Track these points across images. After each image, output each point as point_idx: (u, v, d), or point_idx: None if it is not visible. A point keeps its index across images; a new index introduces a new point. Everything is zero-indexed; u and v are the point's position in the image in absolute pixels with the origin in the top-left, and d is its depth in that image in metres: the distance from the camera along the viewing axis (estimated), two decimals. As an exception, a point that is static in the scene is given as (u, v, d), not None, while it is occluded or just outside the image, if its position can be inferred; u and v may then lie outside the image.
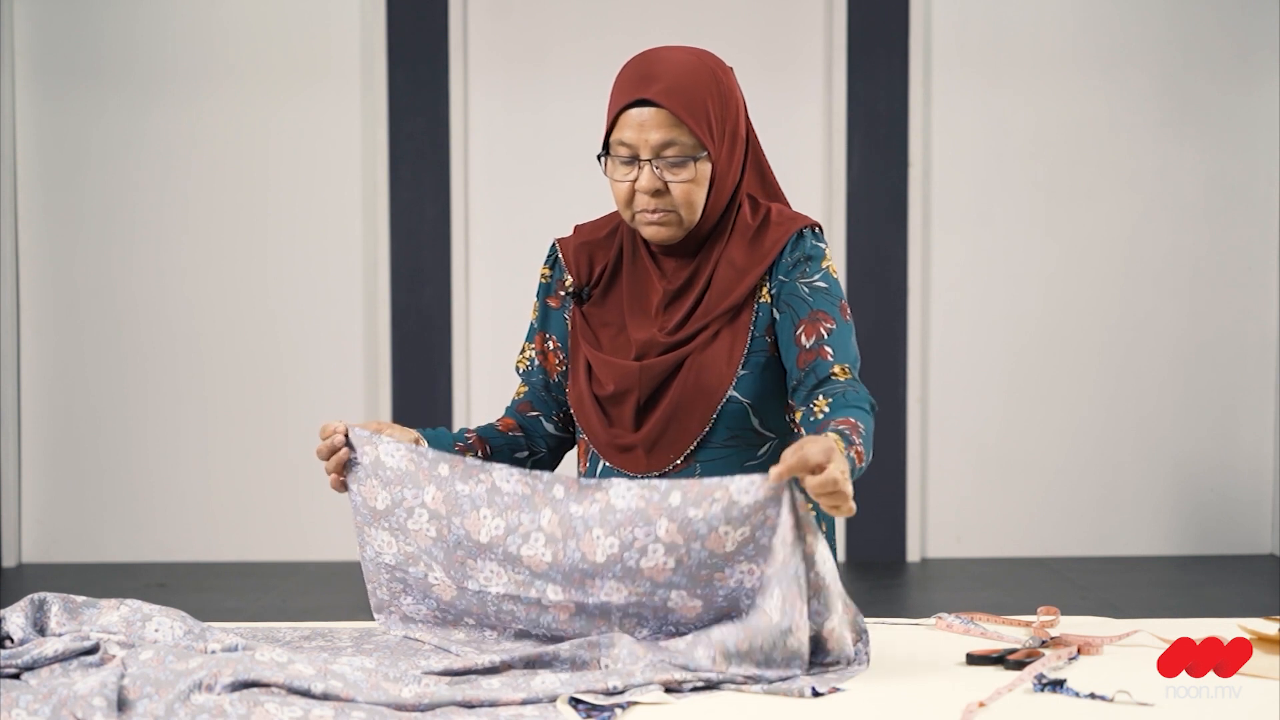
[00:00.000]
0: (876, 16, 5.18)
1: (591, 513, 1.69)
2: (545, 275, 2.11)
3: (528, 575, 1.72)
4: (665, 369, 1.94)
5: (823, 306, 1.92)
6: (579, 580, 1.69)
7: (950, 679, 1.62)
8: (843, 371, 1.88)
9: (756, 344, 1.95)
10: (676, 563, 1.63)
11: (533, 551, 1.72)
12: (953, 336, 5.29)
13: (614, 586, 1.67)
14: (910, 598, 4.77)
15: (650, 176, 1.90)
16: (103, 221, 5.20)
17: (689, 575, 1.63)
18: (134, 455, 5.22)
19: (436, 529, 1.78)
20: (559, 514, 1.71)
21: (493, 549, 1.75)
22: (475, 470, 1.77)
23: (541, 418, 2.09)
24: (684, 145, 1.89)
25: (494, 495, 1.75)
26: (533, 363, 2.11)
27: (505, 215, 5.24)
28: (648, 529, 1.64)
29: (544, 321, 2.10)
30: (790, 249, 1.96)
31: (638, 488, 1.67)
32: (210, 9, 5.20)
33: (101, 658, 1.66)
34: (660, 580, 1.65)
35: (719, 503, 1.60)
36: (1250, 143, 5.26)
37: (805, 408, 1.87)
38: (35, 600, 1.77)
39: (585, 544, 1.68)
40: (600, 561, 1.67)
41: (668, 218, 1.92)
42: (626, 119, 1.90)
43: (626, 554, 1.65)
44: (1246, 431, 5.34)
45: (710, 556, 1.62)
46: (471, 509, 1.76)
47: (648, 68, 1.91)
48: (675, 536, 1.62)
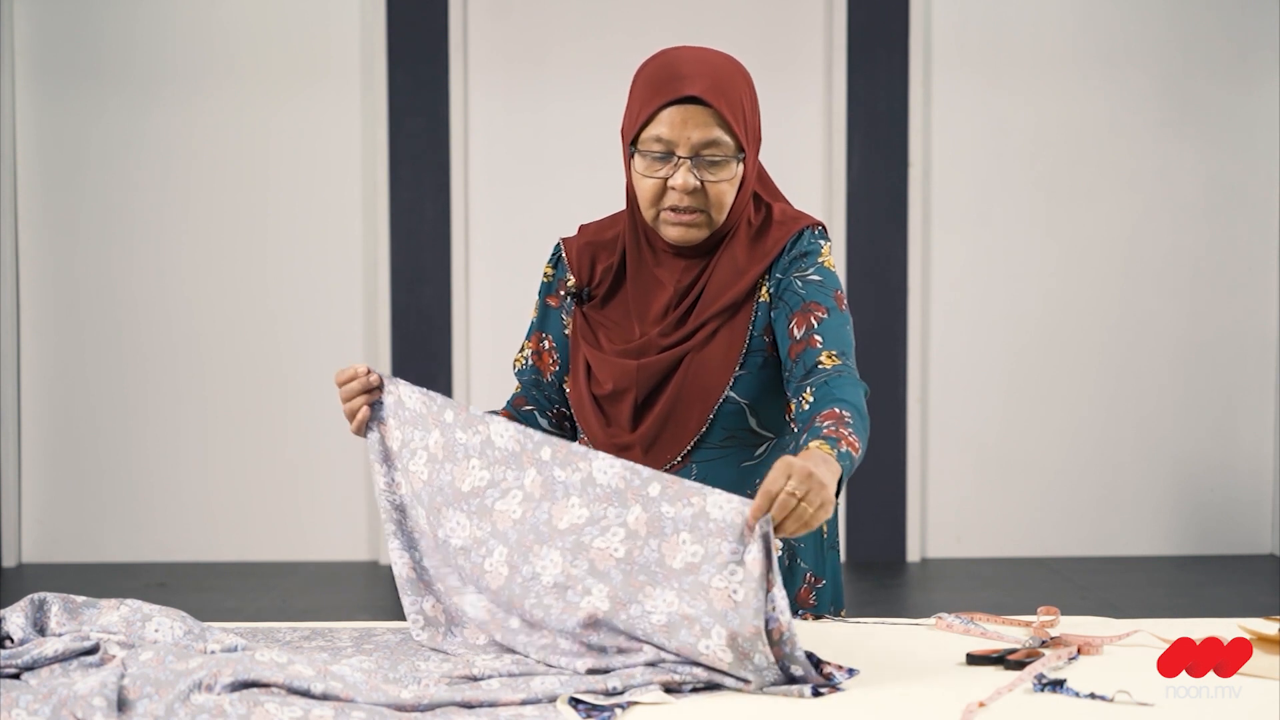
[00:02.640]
0: (876, 16, 5.18)
1: (573, 480, 1.70)
2: (548, 274, 2.10)
3: (487, 532, 1.74)
4: (663, 368, 1.94)
5: (815, 297, 1.90)
6: (528, 545, 1.70)
7: (950, 679, 1.62)
8: (829, 359, 1.85)
9: (755, 343, 1.94)
10: (625, 554, 1.63)
11: (506, 508, 1.73)
12: (953, 336, 5.29)
13: (554, 558, 1.68)
14: (910, 598, 4.77)
15: (687, 175, 1.88)
16: (103, 221, 5.20)
17: (625, 574, 1.63)
18: (134, 455, 5.22)
19: (429, 473, 1.81)
20: (543, 475, 1.72)
21: (469, 500, 1.77)
22: (475, 421, 1.80)
23: (536, 413, 2.09)
24: (725, 146, 1.88)
25: (486, 447, 1.78)
26: (527, 361, 2.11)
27: (505, 215, 5.24)
28: (620, 510, 1.65)
29: (542, 321, 2.10)
30: (789, 248, 1.95)
31: (620, 466, 1.67)
32: (210, 9, 5.21)
33: (101, 658, 1.66)
34: (600, 567, 1.65)
35: (692, 507, 1.59)
36: (1250, 143, 5.26)
37: (796, 400, 1.85)
38: (35, 600, 1.77)
39: (558, 509, 1.69)
40: (561, 528, 1.68)
41: (698, 219, 1.91)
42: (665, 116, 1.87)
43: (589, 528, 1.66)
44: (1246, 431, 5.34)
45: (657, 563, 1.61)
46: (464, 457, 1.79)
47: (683, 66, 1.89)
48: (640, 527, 1.63)
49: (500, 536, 1.73)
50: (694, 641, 1.55)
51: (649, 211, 1.93)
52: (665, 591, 1.59)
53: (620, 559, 1.64)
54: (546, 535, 1.69)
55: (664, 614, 1.58)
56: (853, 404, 1.77)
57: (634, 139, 1.91)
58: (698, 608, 1.56)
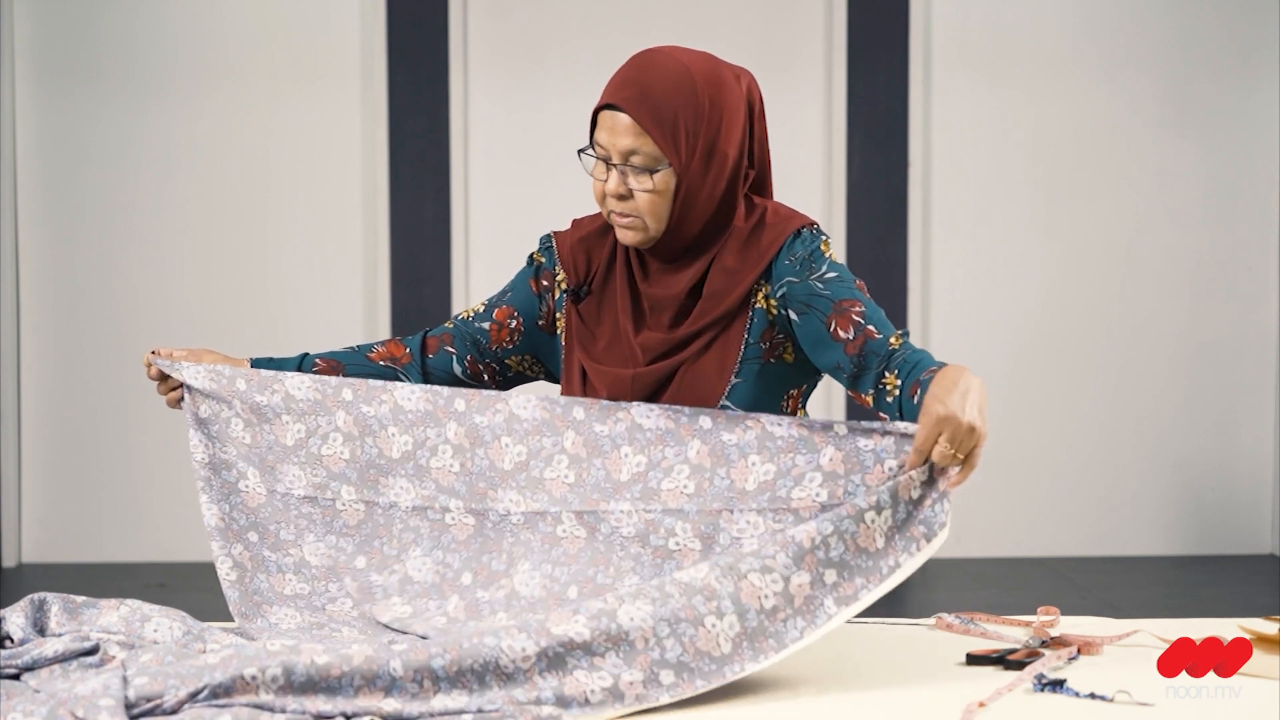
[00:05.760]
0: (876, 16, 5.18)
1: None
2: (537, 259, 2.11)
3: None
4: (657, 379, 1.93)
5: (844, 295, 1.89)
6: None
7: (950, 679, 1.62)
8: (895, 340, 1.85)
9: (750, 351, 1.93)
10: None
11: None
12: (953, 337, 5.29)
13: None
14: (910, 598, 4.77)
15: (616, 180, 1.90)
16: (103, 221, 5.20)
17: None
18: (134, 455, 5.22)
19: (251, 437, 1.96)
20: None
21: (297, 450, 1.93)
22: (270, 381, 1.95)
23: (455, 358, 2.07)
24: (646, 155, 1.89)
25: (290, 403, 1.92)
26: (479, 317, 2.10)
27: (505, 215, 5.24)
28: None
29: (518, 300, 2.09)
30: (787, 251, 1.94)
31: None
32: (210, 9, 5.20)
33: (101, 658, 1.66)
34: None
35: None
36: (1250, 144, 5.26)
37: (875, 390, 1.83)
38: (35, 600, 1.77)
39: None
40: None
41: (634, 223, 1.92)
42: (601, 120, 1.92)
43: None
44: (1246, 431, 5.34)
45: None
46: (274, 417, 1.94)
47: (632, 71, 1.91)
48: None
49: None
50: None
51: (603, 212, 1.97)
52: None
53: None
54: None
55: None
56: (929, 358, 1.81)
57: (590, 141, 1.96)
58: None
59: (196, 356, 2.08)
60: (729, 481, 1.65)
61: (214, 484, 1.96)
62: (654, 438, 1.70)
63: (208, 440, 1.97)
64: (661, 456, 1.70)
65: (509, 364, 2.09)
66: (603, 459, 1.72)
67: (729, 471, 1.65)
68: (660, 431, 1.70)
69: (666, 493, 1.69)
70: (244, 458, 1.95)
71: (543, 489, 1.77)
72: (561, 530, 1.74)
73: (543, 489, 1.77)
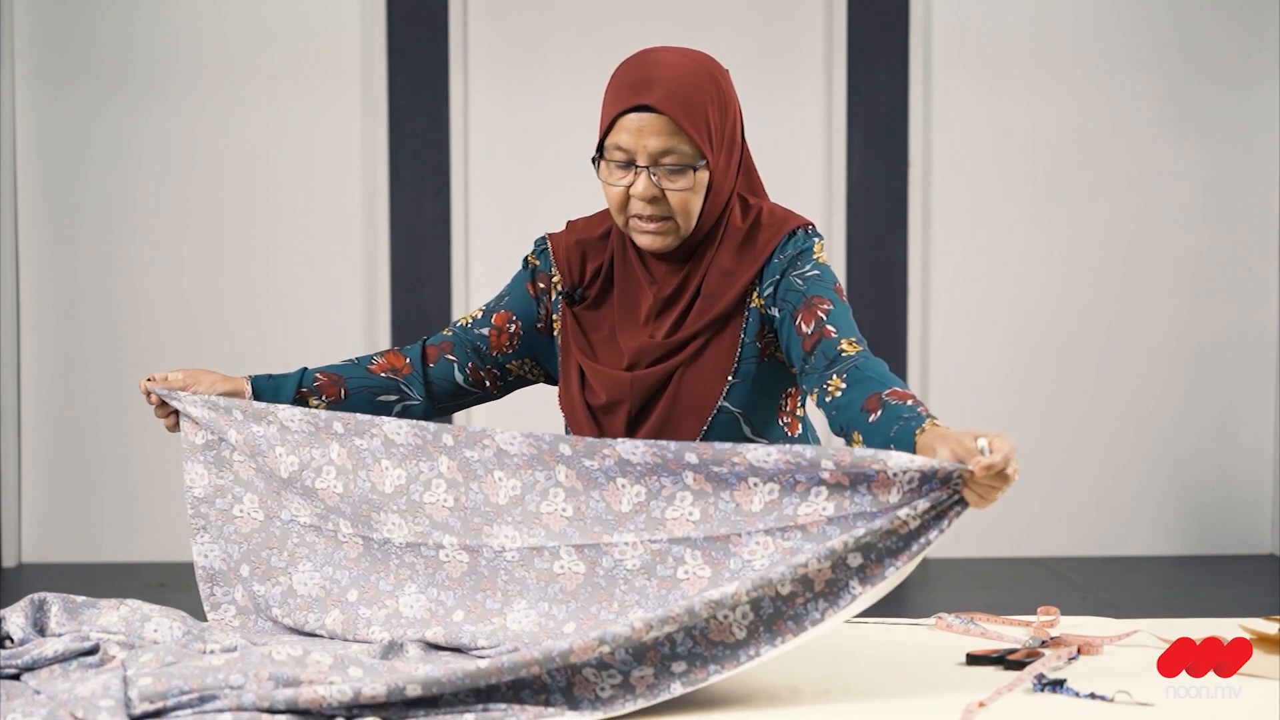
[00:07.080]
0: (876, 16, 5.18)
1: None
2: (533, 262, 2.08)
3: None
4: (656, 381, 1.92)
5: (816, 291, 1.88)
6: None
7: (950, 679, 1.62)
8: (850, 345, 1.82)
9: (746, 351, 1.92)
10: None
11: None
12: (953, 336, 5.29)
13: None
14: (910, 598, 4.77)
15: (647, 183, 1.86)
16: (103, 221, 5.20)
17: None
18: (134, 455, 5.22)
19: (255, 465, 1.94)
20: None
21: (293, 484, 1.89)
22: (264, 412, 1.92)
23: (457, 366, 2.06)
24: (683, 154, 1.85)
25: (285, 434, 1.91)
26: (477, 323, 2.07)
27: (505, 215, 5.24)
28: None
29: (516, 305, 2.07)
30: (780, 251, 1.93)
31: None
32: (210, 9, 5.20)
33: (101, 658, 1.66)
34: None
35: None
36: (1250, 144, 5.26)
37: (819, 389, 1.81)
38: (35, 600, 1.77)
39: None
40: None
41: (664, 226, 1.89)
42: (624, 123, 1.86)
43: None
44: (1246, 431, 5.34)
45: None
46: (269, 449, 1.92)
47: (646, 71, 1.87)
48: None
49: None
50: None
51: (619, 218, 1.92)
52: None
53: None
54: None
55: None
56: (896, 380, 1.77)
57: (600, 146, 1.90)
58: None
59: (194, 376, 1.99)
60: (735, 504, 1.61)
61: (210, 519, 1.93)
62: (645, 470, 1.67)
63: (204, 469, 1.94)
64: (660, 485, 1.66)
65: (509, 368, 2.08)
66: (600, 491, 1.68)
67: (733, 494, 1.61)
68: (649, 465, 1.66)
69: (672, 521, 1.64)
70: (241, 483, 1.92)
71: (539, 523, 1.73)
72: (559, 566, 1.70)
73: (539, 523, 1.73)
